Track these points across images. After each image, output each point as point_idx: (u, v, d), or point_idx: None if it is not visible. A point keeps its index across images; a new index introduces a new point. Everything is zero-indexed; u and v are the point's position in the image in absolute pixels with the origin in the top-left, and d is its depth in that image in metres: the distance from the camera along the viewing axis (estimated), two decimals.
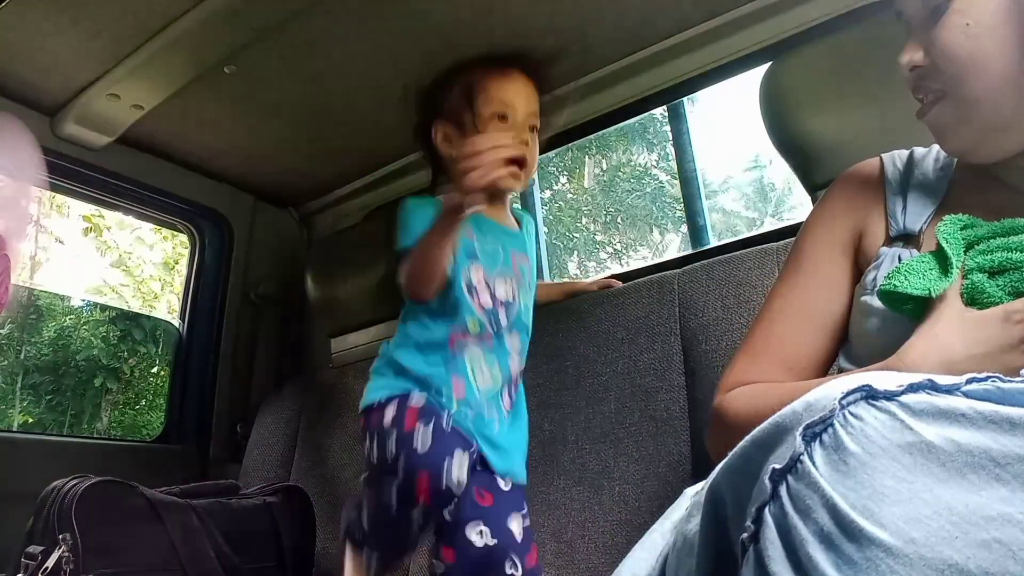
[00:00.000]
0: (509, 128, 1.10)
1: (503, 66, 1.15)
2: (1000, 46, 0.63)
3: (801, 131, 1.10)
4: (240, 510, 1.41)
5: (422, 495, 0.96)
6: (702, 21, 1.40)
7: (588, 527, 1.20)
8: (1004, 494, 0.32)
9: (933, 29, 0.66)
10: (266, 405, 1.87)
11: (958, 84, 0.66)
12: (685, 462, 1.15)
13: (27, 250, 5.51)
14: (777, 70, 1.14)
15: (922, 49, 0.68)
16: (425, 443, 0.98)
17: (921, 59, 0.68)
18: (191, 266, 2.02)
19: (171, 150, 1.79)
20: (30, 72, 1.47)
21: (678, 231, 8.90)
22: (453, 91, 1.15)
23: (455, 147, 1.12)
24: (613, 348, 1.29)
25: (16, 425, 4.26)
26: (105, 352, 4.58)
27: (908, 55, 0.69)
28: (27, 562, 1.13)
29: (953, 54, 0.65)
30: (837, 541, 0.33)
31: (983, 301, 0.58)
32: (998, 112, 0.65)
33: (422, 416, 1.01)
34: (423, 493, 0.96)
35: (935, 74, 0.68)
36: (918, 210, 0.74)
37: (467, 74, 1.15)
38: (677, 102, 1.75)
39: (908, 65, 0.70)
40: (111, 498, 1.21)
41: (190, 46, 1.36)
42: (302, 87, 1.55)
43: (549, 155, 4.43)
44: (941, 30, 0.66)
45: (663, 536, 0.59)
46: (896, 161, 0.79)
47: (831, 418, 0.36)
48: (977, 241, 0.61)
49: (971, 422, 0.34)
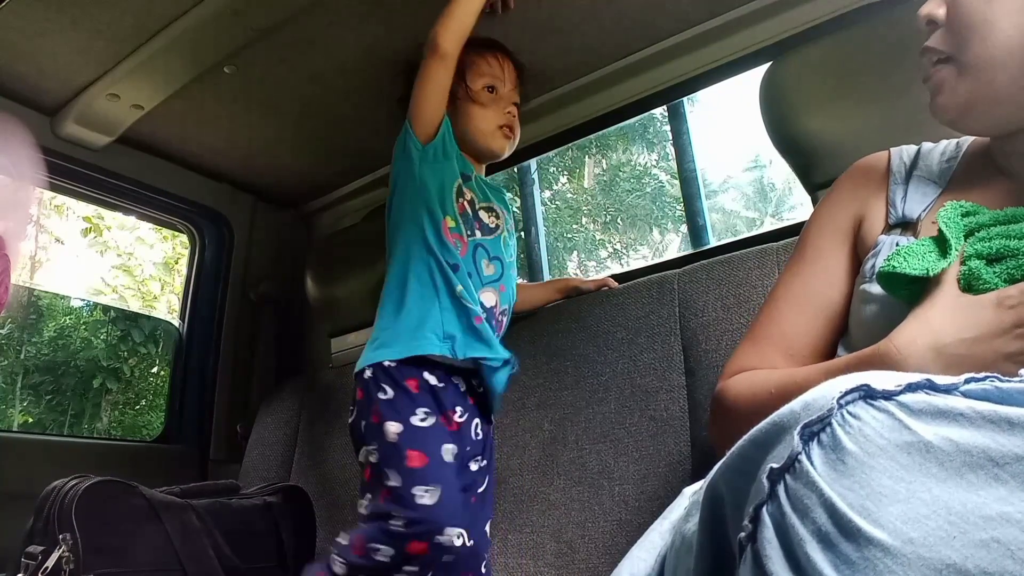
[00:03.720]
0: (498, 99, 1.28)
1: (488, 47, 1.31)
2: (1012, 15, 0.63)
3: (801, 131, 1.10)
4: (240, 510, 1.41)
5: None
6: (702, 21, 1.40)
7: (588, 527, 1.20)
8: (1002, 494, 0.32)
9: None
10: (266, 405, 1.87)
11: (963, 46, 0.66)
12: (685, 462, 1.15)
13: (27, 250, 5.52)
14: (777, 70, 1.14)
15: (945, 4, 0.68)
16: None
17: (941, 15, 0.68)
18: (191, 266, 2.02)
19: (171, 150, 1.80)
20: (30, 72, 1.47)
21: (678, 231, 8.90)
22: None
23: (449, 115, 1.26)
24: (613, 348, 1.29)
25: (16, 425, 4.26)
26: (105, 352, 4.59)
27: (929, 7, 0.69)
28: (27, 562, 1.13)
29: (968, 13, 0.65)
30: (835, 541, 0.33)
31: (979, 287, 0.58)
32: (992, 82, 0.65)
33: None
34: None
35: (948, 33, 0.67)
36: (919, 198, 0.75)
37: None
38: (677, 102, 1.75)
39: (926, 18, 0.69)
40: (111, 498, 1.21)
41: (190, 46, 1.36)
42: (302, 87, 1.55)
43: (549, 155, 4.44)
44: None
45: (662, 536, 0.59)
46: (904, 154, 0.80)
47: (829, 417, 0.36)
48: (978, 228, 0.61)
49: (970, 422, 0.34)
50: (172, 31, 1.33)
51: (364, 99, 1.59)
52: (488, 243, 1.24)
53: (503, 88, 1.28)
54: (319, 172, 1.94)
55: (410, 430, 1.08)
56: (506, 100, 1.29)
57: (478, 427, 1.18)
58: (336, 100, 1.60)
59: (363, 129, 1.71)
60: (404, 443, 1.06)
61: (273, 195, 2.06)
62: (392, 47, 1.42)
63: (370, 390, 1.12)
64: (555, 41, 1.44)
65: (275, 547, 1.42)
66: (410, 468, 1.05)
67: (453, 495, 1.06)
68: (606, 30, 1.42)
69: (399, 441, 1.07)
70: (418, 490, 1.03)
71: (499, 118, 1.27)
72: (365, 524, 1.06)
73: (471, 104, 1.26)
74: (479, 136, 1.27)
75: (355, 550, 1.04)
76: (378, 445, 1.09)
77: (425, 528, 1.02)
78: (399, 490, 1.04)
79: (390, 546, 1.02)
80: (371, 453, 1.09)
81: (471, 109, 1.26)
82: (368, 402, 1.12)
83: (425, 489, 1.03)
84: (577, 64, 1.53)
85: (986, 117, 0.67)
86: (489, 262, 1.22)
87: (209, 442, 1.90)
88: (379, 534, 1.03)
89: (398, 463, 1.05)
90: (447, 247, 1.17)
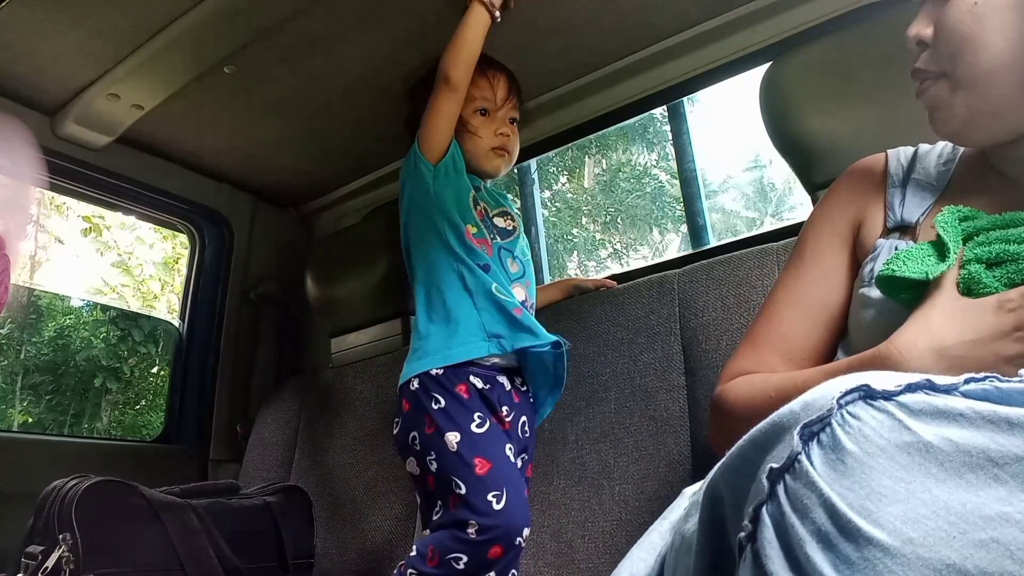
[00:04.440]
0: (490, 121, 1.28)
1: (481, 67, 1.27)
2: (1001, 30, 0.63)
3: (801, 131, 1.10)
4: (240, 510, 1.41)
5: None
6: (702, 21, 1.40)
7: (588, 527, 1.20)
8: (1002, 494, 0.32)
9: (943, 5, 0.66)
10: (266, 405, 1.87)
11: (954, 63, 0.66)
12: (685, 462, 1.15)
13: (27, 250, 5.52)
14: (777, 70, 1.14)
15: (932, 24, 0.68)
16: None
17: (929, 35, 0.68)
18: (191, 266, 2.02)
19: (171, 150, 1.80)
20: (30, 72, 1.47)
21: (678, 231, 8.90)
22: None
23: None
24: (613, 348, 1.29)
25: (16, 425, 4.27)
26: (105, 352, 4.58)
27: (916, 28, 0.70)
28: (27, 562, 1.13)
29: (955, 31, 0.65)
30: (835, 541, 0.33)
31: (979, 291, 0.59)
32: (989, 96, 0.65)
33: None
34: None
35: (936, 53, 0.68)
36: (916, 202, 0.75)
37: None
38: (677, 102, 1.75)
39: (915, 39, 0.70)
40: (111, 498, 1.21)
41: (190, 46, 1.36)
42: (302, 87, 1.55)
43: (549, 155, 4.44)
44: (950, 6, 0.66)
45: (661, 536, 0.59)
46: (901, 157, 0.80)
47: (829, 418, 0.36)
48: (977, 232, 0.61)
49: (969, 422, 0.34)
50: (172, 31, 1.33)
51: (364, 99, 1.59)
52: (508, 244, 1.25)
53: (494, 108, 1.28)
54: (319, 172, 1.94)
55: (470, 437, 1.08)
56: (499, 121, 1.28)
57: (525, 425, 1.19)
58: (336, 100, 1.60)
59: (363, 129, 1.71)
60: (467, 452, 1.06)
61: (273, 195, 2.06)
62: (392, 47, 1.42)
63: (420, 400, 1.12)
64: (555, 41, 1.44)
65: (275, 547, 1.42)
66: (478, 476, 1.05)
67: (521, 495, 1.07)
68: (606, 30, 1.42)
69: (460, 450, 1.07)
70: (491, 496, 1.04)
71: (491, 140, 1.27)
72: (437, 533, 1.06)
73: (462, 129, 1.26)
74: (472, 159, 1.28)
75: (431, 562, 1.04)
76: (437, 455, 1.08)
77: (503, 532, 1.02)
78: (469, 498, 1.04)
79: (467, 554, 1.02)
80: (431, 463, 1.09)
81: (463, 134, 1.27)
82: (419, 413, 1.12)
83: (495, 494, 1.04)
84: (577, 64, 1.53)
85: (986, 130, 0.68)
86: (513, 260, 1.24)
87: (209, 442, 1.90)
88: (454, 543, 1.03)
89: (465, 473, 1.05)
90: (474, 250, 1.17)
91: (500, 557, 1.03)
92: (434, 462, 1.09)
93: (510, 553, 1.04)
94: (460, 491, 1.04)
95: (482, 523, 1.02)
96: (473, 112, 1.27)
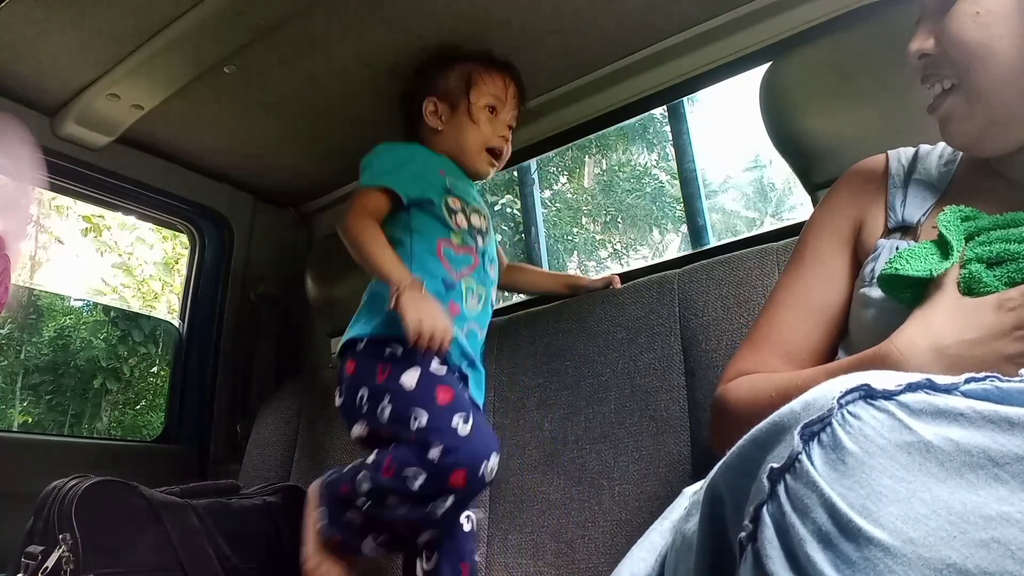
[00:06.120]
0: (494, 121, 1.30)
1: (500, 68, 1.33)
2: (1008, 37, 0.63)
3: (801, 131, 1.10)
4: (240, 510, 1.41)
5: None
6: (702, 21, 1.40)
7: (588, 527, 1.20)
8: (1003, 494, 0.32)
9: (944, 16, 0.66)
10: (266, 405, 1.87)
11: (966, 74, 0.66)
12: (685, 462, 1.15)
13: (27, 250, 5.52)
14: (777, 70, 1.14)
15: (932, 37, 0.68)
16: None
17: (931, 47, 0.68)
18: (191, 266, 2.02)
19: (171, 150, 1.79)
20: (30, 72, 1.47)
21: (678, 231, 8.90)
22: (452, 76, 1.32)
23: (443, 122, 1.31)
24: (613, 348, 1.29)
25: (16, 425, 4.26)
26: (105, 352, 4.58)
27: (918, 43, 0.69)
28: (27, 562, 1.13)
29: (961, 42, 0.65)
30: (835, 541, 0.33)
31: (980, 291, 0.59)
32: (1003, 105, 0.65)
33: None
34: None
35: (944, 63, 0.68)
36: (918, 203, 0.75)
37: (468, 65, 1.32)
38: (677, 102, 1.75)
39: (917, 53, 0.69)
40: (111, 498, 1.21)
41: (190, 46, 1.36)
42: (302, 87, 1.55)
43: (549, 155, 4.44)
44: (951, 18, 0.65)
45: (662, 536, 0.59)
46: (902, 157, 0.80)
47: (829, 417, 0.36)
48: (978, 232, 0.61)
49: (970, 422, 0.34)
50: (172, 31, 1.33)
51: (364, 99, 1.59)
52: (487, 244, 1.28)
53: (502, 111, 1.31)
54: (319, 172, 1.94)
55: (428, 375, 1.07)
56: (502, 124, 1.31)
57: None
58: (336, 100, 1.60)
59: (363, 129, 1.71)
60: (427, 384, 1.05)
61: (273, 195, 2.06)
62: (392, 47, 1.42)
63: (370, 355, 1.12)
64: (555, 41, 1.44)
65: (275, 547, 1.42)
66: (441, 404, 1.03)
67: (484, 424, 1.06)
68: (606, 30, 1.42)
69: (421, 383, 1.05)
70: (457, 418, 1.01)
71: (489, 139, 1.29)
72: (397, 447, 1.03)
73: (467, 119, 1.27)
74: (463, 153, 1.28)
75: (386, 472, 1.01)
76: (392, 397, 1.06)
77: (469, 456, 0.99)
78: (433, 423, 1.01)
79: (426, 472, 0.98)
80: (383, 411, 1.06)
81: (465, 123, 1.27)
82: (369, 366, 1.11)
83: (462, 415, 1.02)
84: (577, 64, 1.52)
85: (999, 140, 0.67)
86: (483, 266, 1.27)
87: (209, 442, 1.90)
88: (415, 459, 0.99)
89: (428, 403, 1.03)
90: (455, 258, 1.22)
91: (462, 486, 0.99)
92: (387, 407, 1.05)
93: (473, 484, 1.00)
94: (420, 422, 1.01)
95: (448, 443, 0.99)
96: (483, 106, 1.29)
